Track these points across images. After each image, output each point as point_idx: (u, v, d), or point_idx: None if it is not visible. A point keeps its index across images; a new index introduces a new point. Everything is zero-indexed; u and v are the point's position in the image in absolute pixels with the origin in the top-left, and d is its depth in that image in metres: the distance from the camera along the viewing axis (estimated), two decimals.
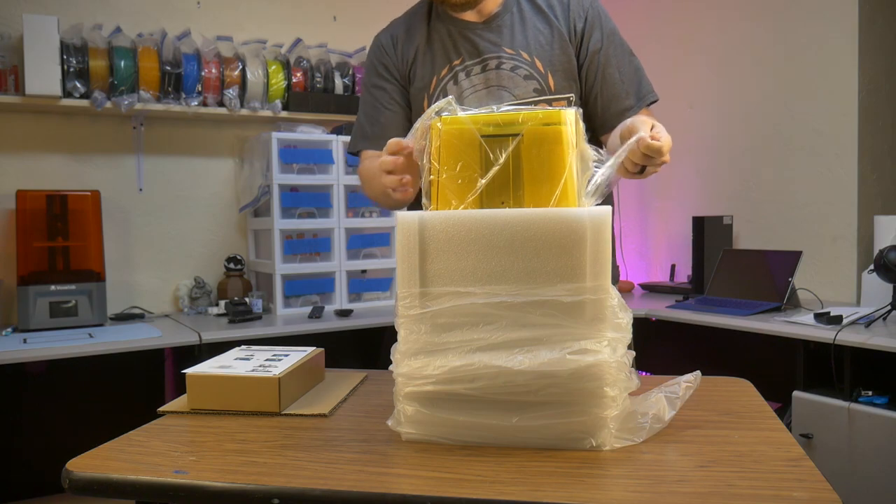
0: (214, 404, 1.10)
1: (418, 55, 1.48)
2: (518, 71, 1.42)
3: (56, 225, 2.64)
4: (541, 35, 1.44)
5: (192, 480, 0.81)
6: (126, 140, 2.97)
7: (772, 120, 3.22)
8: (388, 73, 1.51)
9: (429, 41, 1.48)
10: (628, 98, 1.45)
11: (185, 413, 1.10)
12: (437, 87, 1.45)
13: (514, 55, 1.42)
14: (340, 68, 3.17)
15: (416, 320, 0.90)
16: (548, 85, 1.42)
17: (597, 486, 0.78)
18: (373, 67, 1.54)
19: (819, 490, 0.75)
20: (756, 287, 2.85)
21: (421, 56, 1.48)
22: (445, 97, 1.37)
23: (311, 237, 3.04)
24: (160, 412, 1.11)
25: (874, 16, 2.93)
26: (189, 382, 1.11)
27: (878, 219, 2.79)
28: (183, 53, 2.83)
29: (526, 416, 0.88)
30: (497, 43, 1.43)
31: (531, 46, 1.43)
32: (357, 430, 1.00)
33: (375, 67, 1.53)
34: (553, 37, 1.43)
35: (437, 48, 1.47)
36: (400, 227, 0.92)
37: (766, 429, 0.96)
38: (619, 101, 1.45)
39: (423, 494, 0.77)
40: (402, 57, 1.50)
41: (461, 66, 1.44)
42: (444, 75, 1.45)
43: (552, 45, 1.43)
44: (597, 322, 0.86)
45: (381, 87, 1.52)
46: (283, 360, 1.19)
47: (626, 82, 1.45)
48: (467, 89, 1.43)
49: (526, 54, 1.42)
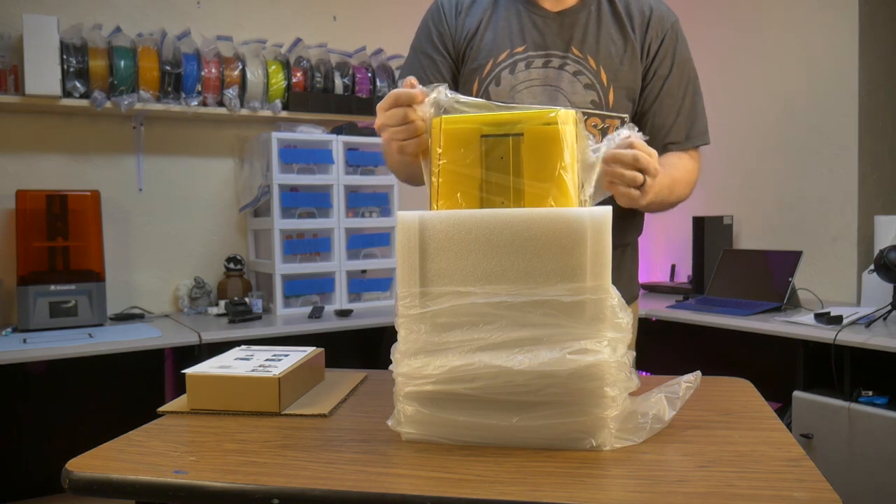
0: (214, 404, 1.10)
1: (480, 30, 1.35)
2: (580, 77, 1.32)
3: (56, 225, 2.63)
4: (613, 45, 1.33)
5: (191, 480, 0.81)
6: (126, 140, 2.97)
7: (772, 120, 3.22)
8: (442, 44, 1.38)
9: (493, 16, 1.36)
10: (677, 133, 1.37)
11: (184, 413, 1.10)
12: (492, 72, 1.33)
13: (580, 59, 1.32)
14: (340, 68, 3.17)
15: (415, 320, 0.90)
16: (607, 100, 1.32)
17: (597, 486, 0.78)
18: (427, 31, 1.40)
19: (819, 490, 0.75)
20: (756, 287, 2.85)
21: (482, 31, 1.35)
22: (499, 86, 1.32)
23: (311, 237, 3.04)
24: (160, 412, 1.11)
25: (874, 16, 2.93)
26: (189, 382, 1.11)
27: (878, 219, 2.79)
28: (183, 53, 2.83)
29: (526, 416, 0.88)
30: (567, 40, 1.33)
31: (601, 54, 1.33)
32: (357, 430, 1.00)
33: (430, 32, 1.39)
34: (625, 50, 1.34)
35: (501, 27, 1.34)
36: (400, 226, 0.92)
37: (766, 429, 0.96)
38: (666, 134, 1.37)
39: (423, 494, 0.77)
40: (463, 28, 1.37)
41: (523, 55, 1.33)
42: (501, 60, 1.33)
43: (622, 60, 1.33)
44: (597, 322, 0.86)
45: (430, 56, 1.38)
46: (283, 360, 1.19)
47: (681, 117, 1.37)
48: (523, 82, 1.32)
49: (593, 61, 1.32)
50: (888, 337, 2.14)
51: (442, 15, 1.39)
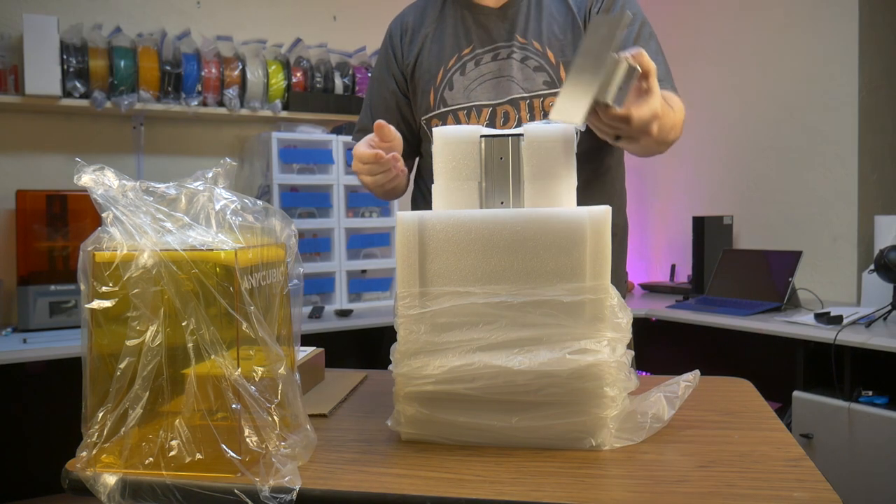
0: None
1: (425, 46, 1.41)
2: (528, 62, 1.34)
3: (56, 225, 2.63)
4: (555, 23, 1.35)
5: (191, 480, 0.81)
6: (126, 140, 2.97)
7: (772, 120, 3.22)
8: (393, 66, 1.45)
9: (439, 28, 1.41)
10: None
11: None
12: (444, 77, 1.38)
13: (525, 45, 1.35)
14: (340, 68, 3.17)
15: (415, 320, 0.90)
16: (558, 77, 1.33)
17: (597, 486, 0.78)
18: (382, 55, 1.49)
19: (819, 490, 0.75)
20: (756, 287, 2.85)
21: (428, 46, 1.41)
22: (452, 89, 1.35)
23: (311, 237, 3.04)
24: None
25: (874, 16, 2.93)
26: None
27: (878, 219, 2.79)
28: (183, 53, 2.83)
29: (526, 416, 0.88)
30: (510, 31, 1.36)
31: (544, 35, 1.35)
32: (357, 430, 1.00)
33: (383, 56, 1.48)
34: (569, 22, 1.34)
35: (447, 35, 1.40)
36: (400, 226, 0.92)
37: (766, 429, 0.96)
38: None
39: (423, 494, 0.77)
40: (408, 50, 1.43)
41: (470, 54, 1.37)
42: (451, 66, 1.38)
43: (565, 33, 1.34)
44: (596, 322, 0.86)
45: (382, 79, 1.47)
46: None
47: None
48: (475, 80, 1.36)
49: (538, 44, 1.35)
50: (888, 337, 2.14)
51: (390, 40, 1.46)
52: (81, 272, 0.82)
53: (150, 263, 0.79)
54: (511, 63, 1.34)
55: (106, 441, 0.81)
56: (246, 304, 0.80)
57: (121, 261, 0.80)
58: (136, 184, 0.83)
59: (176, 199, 0.84)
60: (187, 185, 0.85)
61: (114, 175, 0.82)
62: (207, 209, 0.84)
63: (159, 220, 0.81)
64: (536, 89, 1.34)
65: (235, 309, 0.79)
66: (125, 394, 0.79)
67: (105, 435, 0.81)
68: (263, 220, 0.88)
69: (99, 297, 0.81)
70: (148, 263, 0.79)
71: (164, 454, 0.80)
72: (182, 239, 0.80)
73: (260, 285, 0.84)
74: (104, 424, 0.81)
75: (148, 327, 0.79)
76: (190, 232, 0.81)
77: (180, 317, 0.79)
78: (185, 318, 0.78)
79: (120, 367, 0.79)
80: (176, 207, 0.84)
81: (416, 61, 1.42)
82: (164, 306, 0.79)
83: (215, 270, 0.80)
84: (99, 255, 0.81)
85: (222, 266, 0.80)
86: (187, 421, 0.80)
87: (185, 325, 0.78)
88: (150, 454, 0.80)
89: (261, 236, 0.88)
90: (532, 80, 1.34)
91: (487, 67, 1.35)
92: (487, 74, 1.35)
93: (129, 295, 0.80)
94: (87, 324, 0.82)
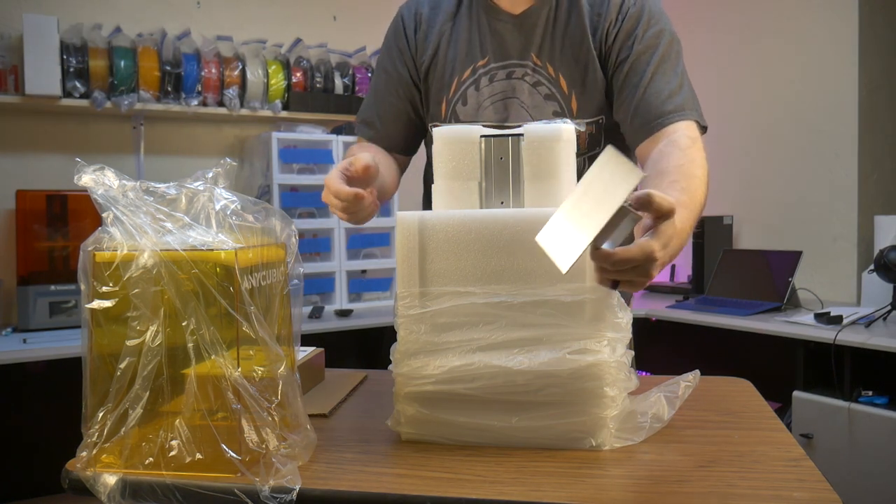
0: None
1: (441, 47, 1.31)
2: (539, 88, 1.26)
3: (56, 225, 2.63)
4: (570, 46, 1.25)
5: (191, 480, 0.81)
6: (126, 140, 2.97)
7: (772, 120, 3.22)
8: (407, 57, 1.35)
9: (454, 30, 1.31)
10: (645, 114, 1.19)
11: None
12: (458, 91, 1.30)
13: (539, 67, 1.26)
14: (340, 68, 3.17)
15: (415, 320, 0.90)
16: (570, 108, 1.26)
17: (597, 486, 0.78)
18: (388, 45, 1.37)
19: (819, 490, 0.75)
20: (756, 287, 2.85)
21: (444, 47, 1.31)
22: (466, 105, 1.30)
23: (311, 237, 3.04)
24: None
25: (874, 16, 2.93)
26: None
27: (878, 219, 2.79)
28: (183, 53, 2.83)
29: (526, 416, 0.88)
30: (526, 46, 1.27)
31: (557, 58, 1.25)
32: (357, 430, 1.00)
33: (391, 47, 1.37)
34: (583, 50, 1.24)
35: (461, 40, 1.30)
36: (400, 226, 0.92)
37: (766, 429, 0.96)
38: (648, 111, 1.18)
39: (423, 494, 0.77)
40: (423, 46, 1.33)
41: (485, 68, 1.29)
42: (465, 78, 1.30)
43: (577, 59, 1.25)
44: (596, 322, 0.86)
45: (389, 72, 1.36)
46: None
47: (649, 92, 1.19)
48: (487, 98, 1.28)
49: (552, 68, 1.25)
50: (888, 337, 2.14)
51: (401, 30, 1.36)
52: (81, 272, 0.82)
53: (151, 263, 0.79)
54: (523, 85, 1.27)
55: (106, 441, 0.81)
56: (246, 304, 0.80)
57: (121, 261, 0.80)
58: (136, 184, 0.83)
59: (176, 200, 0.84)
60: (187, 185, 0.85)
61: (114, 175, 0.82)
62: (207, 209, 0.84)
63: (159, 220, 0.81)
64: (545, 118, 1.25)
65: (235, 309, 0.79)
66: (125, 394, 0.79)
67: (105, 435, 0.81)
68: (263, 220, 0.88)
69: (99, 297, 0.81)
70: (148, 263, 0.79)
71: (165, 454, 0.80)
72: (182, 239, 0.80)
73: (260, 285, 0.84)
74: (104, 424, 0.81)
75: (148, 327, 0.79)
76: (190, 232, 0.81)
77: (180, 317, 0.79)
78: (186, 318, 0.78)
79: (120, 367, 0.79)
80: (176, 207, 0.84)
81: (431, 62, 1.33)
82: (164, 306, 0.79)
83: (215, 270, 0.80)
84: (99, 255, 0.81)
85: (222, 266, 0.80)
86: (187, 421, 0.80)
87: (186, 325, 0.78)
88: (150, 454, 0.80)
89: (261, 236, 0.88)
90: (541, 108, 1.27)
91: (500, 86, 1.28)
92: (499, 94, 1.29)
93: (129, 295, 0.80)
94: (88, 324, 0.82)
